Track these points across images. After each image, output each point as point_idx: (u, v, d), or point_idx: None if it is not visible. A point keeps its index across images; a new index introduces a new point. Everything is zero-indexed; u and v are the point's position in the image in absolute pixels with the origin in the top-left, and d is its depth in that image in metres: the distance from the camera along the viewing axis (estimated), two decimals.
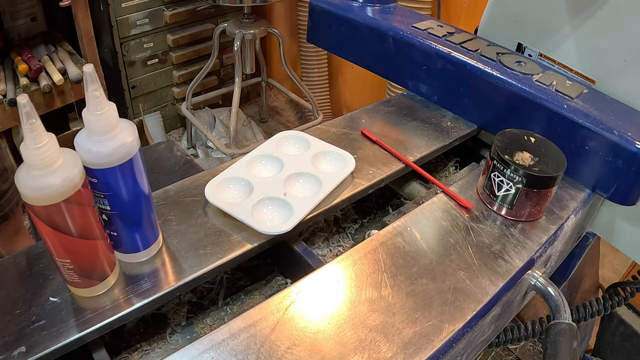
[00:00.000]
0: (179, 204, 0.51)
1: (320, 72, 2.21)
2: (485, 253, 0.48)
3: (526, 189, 0.50)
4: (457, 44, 0.67)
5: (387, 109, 0.70)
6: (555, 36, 0.68)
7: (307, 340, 0.39)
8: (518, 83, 0.60)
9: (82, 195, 0.35)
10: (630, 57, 0.61)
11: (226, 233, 0.48)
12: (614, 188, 0.56)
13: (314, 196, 0.51)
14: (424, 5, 1.61)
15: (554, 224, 0.53)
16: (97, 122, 0.36)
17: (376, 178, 0.56)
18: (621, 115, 0.57)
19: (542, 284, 0.49)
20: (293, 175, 0.54)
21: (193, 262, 0.44)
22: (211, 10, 1.89)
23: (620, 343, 1.14)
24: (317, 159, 0.57)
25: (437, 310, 0.42)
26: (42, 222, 0.35)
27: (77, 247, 0.37)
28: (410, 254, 0.47)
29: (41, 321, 0.38)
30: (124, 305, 0.40)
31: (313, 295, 0.43)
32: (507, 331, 0.66)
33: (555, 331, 0.45)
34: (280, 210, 0.50)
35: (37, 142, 0.32)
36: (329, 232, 0.59)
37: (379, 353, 0.38)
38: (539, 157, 0.51)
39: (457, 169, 0.71)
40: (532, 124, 0.60)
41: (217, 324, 0.49)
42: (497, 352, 1.35)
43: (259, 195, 0.50)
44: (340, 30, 0.76)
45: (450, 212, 0.53)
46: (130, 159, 0.38)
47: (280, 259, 0.53)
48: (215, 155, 1.91)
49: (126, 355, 0.45)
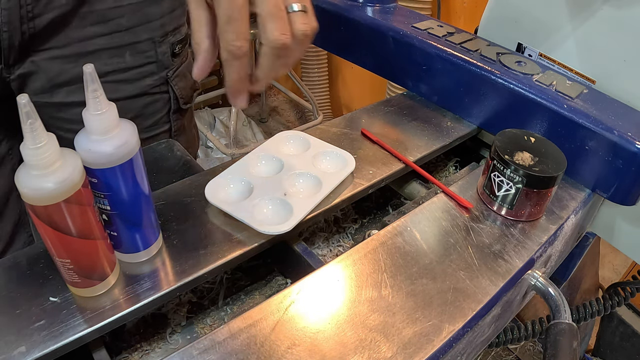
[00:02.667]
0: (179, 204, 0.51)
1: (320, 72, 2.21)
2: (485, 253, 0.48)
3: (526, 189, 0.50)
4: (457, 44, 0.67)
5: (387, 109, 0.70)
6: (555, 36, 0.68)
7: (307, 340, 0.39)
8: (518, 83, 0.60)
9: (82, 195, 0.35)
10: (630, 57, 0.61)
11: (226, 233, 0.48)
12: (614, 188, 0.56)
13: (314, 196, 0.51)
14: (424, 5, 1.61)
15: (554, 224, 0.53)
16: (97, 122, 0.36)
17: (376, 178, 0.56)
18: (621, 115, 0.57)
19: (542, 284, 0.49)
20: (293, 175, 0.54)
21: (193, 262, 0.44)
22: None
23: (620, 343, 1.14)
24: (317, 159, 0.57)
25: (437, 310, 0.42)
26: (42, 222, 0.35)
27: (77, 247, 0.37)
28: (410, 254, 0.47)
29: (41, 321, 0.38)
30: (124, 305, 0.40)
31: (313, 295, 0.43)
32: (507, 331, 0.66)
33: (555, 331, 0.45)
34: (280, 210, 0.50)
35: (37, 142, 0.32)
36: (329, 232, 0.59)
37: (379, 353, 0.38)
38: (539, 157, 0.51)
39: (457, 169, 0.71)
40: (532, 124, 0.60)
41: (217, 324, 0.49)
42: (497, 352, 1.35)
43: (258, 195, 0.50)
44: (340, 30, 0.76)
45: (450, 212, 0.53)
46: (131, 159, 0.38)
47: (280, 259, 0.53)
48: (215, 155, 1.91)
49: (126, 355, 0.45)
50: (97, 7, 0.61)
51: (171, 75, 0.73)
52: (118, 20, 0.63)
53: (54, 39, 0.60)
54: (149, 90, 0.71)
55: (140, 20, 0.66)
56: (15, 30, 0.56)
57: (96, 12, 0.61)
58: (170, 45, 0.71)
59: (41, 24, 0.58)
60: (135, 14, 0.65)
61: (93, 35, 0.62)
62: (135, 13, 0.65)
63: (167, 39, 0.70)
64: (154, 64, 0.70)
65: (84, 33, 0.62)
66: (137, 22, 0.65)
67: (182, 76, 0.76)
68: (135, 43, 0.66)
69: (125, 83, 0.68)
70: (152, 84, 0.71)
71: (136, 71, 0.68)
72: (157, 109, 0.74)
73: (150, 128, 0.75)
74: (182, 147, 0.65)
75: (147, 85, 0.71)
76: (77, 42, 0.62)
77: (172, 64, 0.73)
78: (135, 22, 0.65)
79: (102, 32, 0.63)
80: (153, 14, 0.67)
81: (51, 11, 0.58)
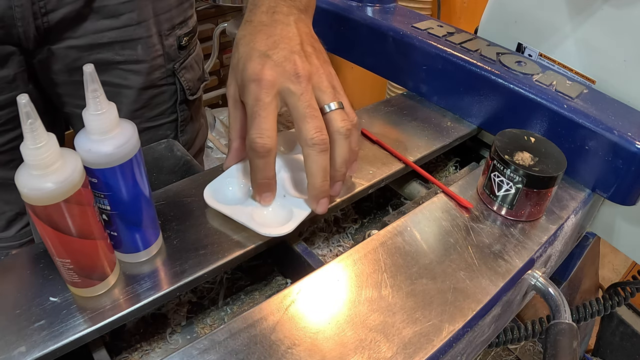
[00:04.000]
0: (179, 204, 0.51)
1: None
2: (485, 253, 0.48)
3: (526, 189, 0.50)
4: (457, 44, 0.67)
5: (387, 109, 0.70)
6: (555, 36, 0.68)
7: (307, 340, 0.39)
8: (518, 83, 0.60)
9: (82, 195, 0.35)
10: (630, 57, 0.61)
11: (226, 233, 0.48)
12: (614, 188, 0.56)
13: None
14: (424, 5, 1.61)
15: (554, 224, 0.53)
16: (97, 122, 0.36)
17: (376, 178, 0.56)
18: (621, 115, 0.57)
19: (542, 284, 0.49)
20: (292, 176, 0.53)
21: (193, 262, 0.44)
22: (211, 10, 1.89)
23: (620, 343, 1.15)
24: None
25: (437, 310, 0.42)
26: (42, 222, 0.35)
27: (77, 247, 0.37)
28: (410, 254, 0.47)
29: (41, 321, 0.38)
30: (124, 305, 0.40)
31: (313, 295, 0.43)
32: (507, 331, 0.66)
33: (555, 331, 0.45)
34: (280, 212, 0.49)
35: (37, 142, 0.32)
36: (329, 232, 0.59)
37: (379, 353, 0.38)
38: (539, 157, 0.51)
39: (457, 169, 0.71)
40: (532, 124, 0.60)
41: (217, 324, 0.49)
42: (497, 352, 1.35)
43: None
44: (340, 30, 0.76)
45: (450, 212, 0.53)
46: (131, 159, 0.38)
47: (280, 259, 0.53)
48: (215, 155, 1.91)
49: (126, 355, 0.45)
50: (108, 2, 0.63)
51: (178, 67, 0.74)
52: (129, 14, 0.65)
53: (68, 31, 0.62)
54: (156, 82, 0.73)
55: (151, 14, 0.67)
56: (29, 25, 0.58)
57: (108, 6, 0.63)
58: (177, 37, 0.72)
59: (55, 18, 0.60)
60: (146, 8, 0.66)
61: (106, 28, 0.64)
62: (145, 7, 0.66)
63: (174, 31, 0.71)
64: (161, 56, 0.71)
65: (97, 26, 0.64)
66: (147, 16, 0.67)
67: (189, 68, 0.77)
68: (147, 37, 0.68)
69: (134, 74, 0.70)
70: (160, 76, 0.72)
71: (147, 65, 0.70)
72: (163, 100, 0.75)
73: (156, 118, 0.76)
74: (182, 147, 0.65)
75: (156, 77, 0.72)
76: (91, 34, 0.64)
77: (179, 56, 0.74)
78: (146, 16, 0.66)
79: (114, 25, 0.64)
80: (162, 7, 0.68)
81: (64, 7, 0.59)
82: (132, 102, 0.72)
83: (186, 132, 0.82)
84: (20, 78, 0.62)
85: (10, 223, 0.75)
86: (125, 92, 0.71)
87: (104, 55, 0.66)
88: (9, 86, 0.61)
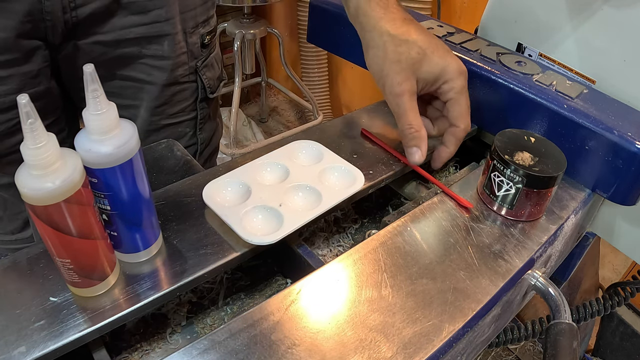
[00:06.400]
0: (179, 204, 0.51)
1: (320, 72, 2.21)
2: (485, 253, 0.48)
3: (526, 189, 0.50)
4: (457, 44, 0.67)
5: (387, 109, 0.70)
6: (555, 36, 0.68)
7: (307, 340, 0.39)
8: (518, 83, 0.60)
9: (82, 195, 0.35)
10: (630, 57, 0.61)
11: (226, 233, 0.48)
12: (614, 188, 0.56)
13: (310, 211, 0.49)
14: (424, 5, 1.61)
15: (554, 224, 0.53)
16: (97, 122, 0.36)
17: (376, 178, 0.56)
18: (621, 115, 0.57)
19: (542, 284, 0.49)
20: (295, 187, 0.52)
21: (193, 262, 0.44)
22: None
23: (620, 343, 1.15)
24: (325, 173, 0.54)
25: (437, 310, 0.42)
26: (42, 222, 0.35)
27: (77, 247, 0.37)
28: (411, 254, 0.47)
29: (41, 321, 0.38)
30: (124, 305, 0.40)
31: (313, 295, 0.43)
32: (507, 331, 0.66)
33: (555, 331, 0.45)
34: (270, 221, 0.48)
35: (37, 142, 0.32)
36: (329, 232, 0.59)
37: (379, 353, 0.38)
38: (539, 157, 0.51)
39: (457, 169, 0.71)
40: (532, 124, 0.60)
41: (217, 324, 0.49)
42: (497, 352, 1.35)
43: (253, 202, 0.49)
44: (340, 30, 0.76)
45: (450, 212, 0.53)
46: (131, 159, 0.38)
47: (280, 259, 0.53)
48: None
49: (126, 355, 0.45)
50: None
51: (200, 66, 0.75)
52: (158, 11, 0.65)
53: (96, 27, 0.63)
54: (179, 79, 0.73)
55: (177, 11, 0.67)
56: (57, 20, 0.58)
57: (137, 2, 0.63)
58: (200, 36, 0.73)
59: (84, 13, 0.60)
60: (174, 5, 0.67)
61: (134, 24, 0.64)
62: (173, 4, 0.66)
63: (197, 29, 0.72)
64: (185, 54, 0.72)
65: (125, 22, 0.64)
66: (174, 14, 0.67)
67: (210, 66, 0.78)
68: (174, 34, 0.68)
69: (159, 70, 0.70)
70: (183, 73, 0.73)
71: (171, 61, 0.70)
72: (185, 97, 0.76)
73: (176, 115, 0.77)
74: (182, 147, 0.65)
75: (179, 74, 0.73)
76: (119, 30, 0.64)
77: (202, 54, 0.75)
78: (174, 13, 0.67)
79: (143, 21, 0.65)
80: (188, 5, 0.69)
81: (93, 2, 0.60)
82: (154, 98, 0.72)
83: (204, 130, 0.82)
84: (43, 73, 0.62)
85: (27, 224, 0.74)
86: (148, 87, 0.71)
87: (129, 49, 0.66)
88: (32, 82, 0.61)
